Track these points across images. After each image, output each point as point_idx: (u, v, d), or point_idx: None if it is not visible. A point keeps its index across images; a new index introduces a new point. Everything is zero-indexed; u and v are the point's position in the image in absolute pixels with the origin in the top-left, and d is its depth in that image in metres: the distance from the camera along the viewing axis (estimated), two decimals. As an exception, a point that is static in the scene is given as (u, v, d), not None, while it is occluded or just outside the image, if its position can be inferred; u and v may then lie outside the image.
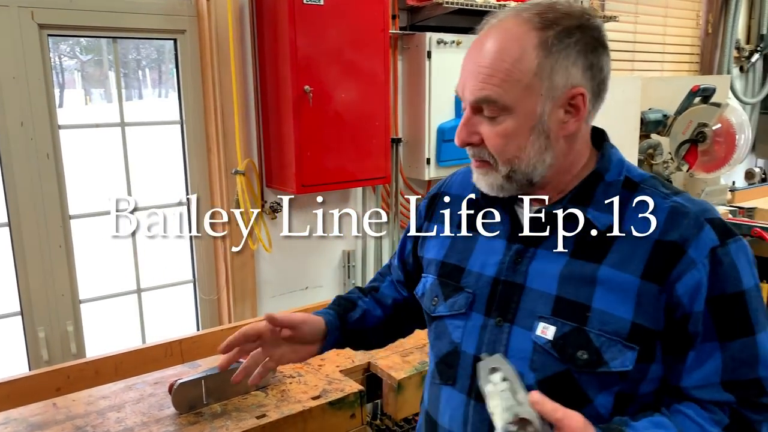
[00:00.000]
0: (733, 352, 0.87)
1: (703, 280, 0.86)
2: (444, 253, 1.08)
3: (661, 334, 0.89)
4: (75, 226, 2.23)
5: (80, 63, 3.04)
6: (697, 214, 0.90)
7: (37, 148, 2.09)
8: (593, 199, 0.94)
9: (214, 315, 2.57)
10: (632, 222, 0.91)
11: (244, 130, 2.40)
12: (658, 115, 3.28)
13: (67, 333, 2.23)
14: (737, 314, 0.88)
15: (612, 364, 0.88)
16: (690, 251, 0.87)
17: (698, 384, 0.89)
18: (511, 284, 0.97)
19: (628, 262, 0.89)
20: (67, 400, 1.60)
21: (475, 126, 0.93)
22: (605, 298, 0.89)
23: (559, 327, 0.91)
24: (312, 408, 1.54)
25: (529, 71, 0.88)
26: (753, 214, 3.38)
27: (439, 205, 1.15)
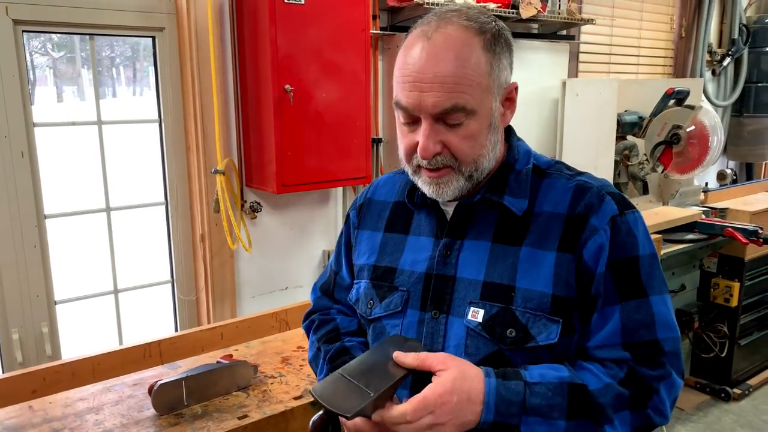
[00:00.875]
0: (629, 311, 0.94)
1: (605, 244, 0.94)
2: (375, 258, 1.12)
3: (576, 302, 0.95)
4: (50, 225, 2.19)
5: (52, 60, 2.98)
6: (599, 188, 0.99)
7: (12, 146, 2.05)
8: (508, 187, 1.01)
9: (192, 315, 2.55)
10: (544, 203, 1.00)
11: (224, 129, 2.39)
12: (634, 117, 3.34)
13: (42, 334, 2.19)
14: (632, 277, 0.95)
15: (539, 338, 0.94)
16: (592, 220, 0.95)
17: (600, 344, 0.95)
18: (443, 277, 1.02)
19: (545, 240, 0.97)
20: (43, 402, 1.57)
21: (437, 135, 0.94)
22: (527, 276, 0.96)
23: (488, 309, 0.96)
24: (294, 408, 1.54)
25: (485, 73, 0.93)
26: (725, 215, 3.46)
27: (366, 213, 1.19)
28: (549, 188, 1.01)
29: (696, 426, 3.18)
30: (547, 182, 1.02)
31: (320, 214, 2.74)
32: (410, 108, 0.94)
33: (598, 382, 0.92)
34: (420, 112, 0.93)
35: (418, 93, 0.92)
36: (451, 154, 0.95)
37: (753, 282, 3.37)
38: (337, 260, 1.26)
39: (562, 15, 3.18)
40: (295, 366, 1.75)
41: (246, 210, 2.48)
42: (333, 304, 1.27)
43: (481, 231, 1.01)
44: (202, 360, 1.81)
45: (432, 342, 1.01)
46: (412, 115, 0.94)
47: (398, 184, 1.17)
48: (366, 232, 1.17)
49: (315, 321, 1.25)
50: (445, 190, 0.98)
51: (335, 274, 1.25)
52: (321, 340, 1.20)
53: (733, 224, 3.11)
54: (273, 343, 1.94)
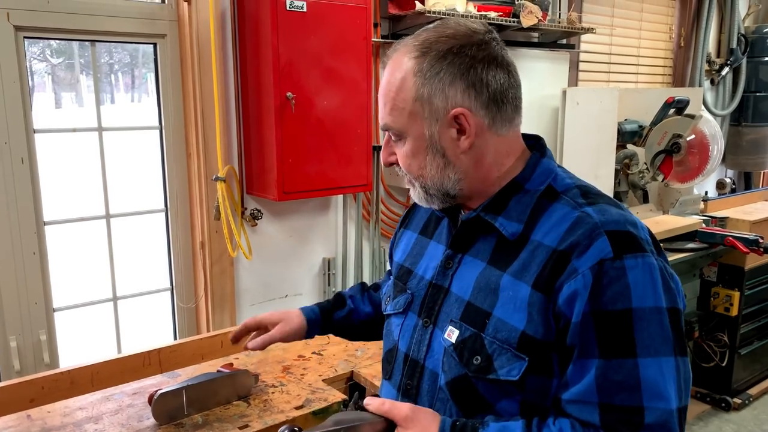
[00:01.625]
0: (606, 370, 0.83)
1: (580, 291, 0.84)
2: (404, 257, 1.17)
3: (552, 345, 0.88)
4: (50, 232, 2.18)
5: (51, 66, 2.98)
6: (597, 225, 0.87)
7: (12, 153, 2.04)
8: (506, 208, 0.97)
9: (192, 323, 2.53)
10: (540, 231, 0.92)
11: (225, 136, 2.38)
12: (634, 125, 3.35)
13: (40, 342, 2.18)
14: (618, 333, 0.83)
15: (500, 372, 0.90)
16: (574, 260, 0.86)
17: (573, 398, 0.86)
18: (439, 287, 1.03)
19: (525, 271, 0.91)
20: (42, 411, 1.55)
21: (392, 148, 1.02)
22: (504, 306, 0.91)
23: (462, 331, 0.95)
24: (295, 418, 1.52)
25: (410, 99, 0.95)
26: (725, 224, 3.46)
27: (415, 213, 1.23)
28: (551, 214, 0.92)
29: (697, 436, 3.17)
30: (553, 207, 0.93)
31: (321, 221, 2.74)
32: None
33: None
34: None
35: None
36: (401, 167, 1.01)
37: (753, 291, 3.37)
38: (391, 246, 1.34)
39: (563, 24, 3.19)
40: (296, 375, 1.74)
41: (246, 217, 2.47)
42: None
43: (480, 249, 1.00)
44: (203, 369, 1.80)
45: (418, 350, 1.03)
46: None
47: None
48: (408, 232, 1.21)
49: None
50: (412, 196, 1.05)
51: (387, 273, 1.34)
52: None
53: (734, 233, 3.10)
54: (273, 352, 1.92)
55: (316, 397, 1.61)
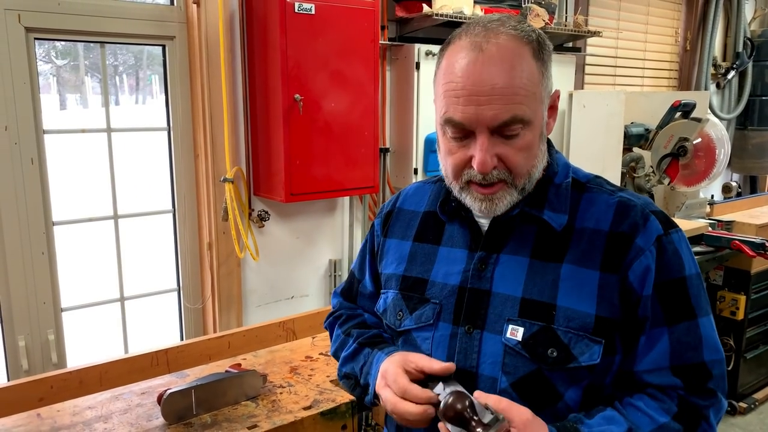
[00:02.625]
0: (678, 335, 0.92)
1: (651, 266, 0.92)
2: (404, 267, 1.09)
3: (619, 323, 0.93)
4: (58, 232, 2.19)
5: (56, 68, 2.99)
6: (643, 206, 0.96)
7: (22, 153, 2.05)
8: (547, 201, 0.98)
9: (198, 324, 2.54)
10: (584, 219, 0.96)
11: (233, 138, 2.39)
12: (641, 129, 3.35)
13: (48, 342, 2.18)
14: (681, 299, 0.93)
15: (581, 358, 0.91)
16: (638, 240, 0.93)
17: (649, 368, 0.93)
18: (478, 291, 0.99)
19: (587, 257, 0.94)
20: (51, 410, 1.56)
21: (493, 148, 0.91)
22: (569, 295, 0.93)
23: (528, 327, 0.93)
24: (303, 418, 1.53)
25: (538, 82, 0.92)
26: (731, 227, 3.46)
27: (394, 221, 1.16)
28: (590, 203, 0.97)
29: (702, 440, 3.15)
30: (587, 197, 0.99)
31: (327, 223, 2.74)
32: (466, 123, 0.90)
33: (652, 423, 0.90)
34: (476, 126, 0.90)
35: (475, 107, 0.88)
36: (506, 168, 0.92)
37: (759, 295, 3.36)
38: (360, 268, 1.24)
39: (569, 27, 3.19)
40: (303, 376, 1.75)
41: (254, 218, 2.48)
42: (357, 307, 1.26)
43: (518, 246, 0.98)
44: (210, 369, 1.80)
45: (465, 359, 0.97)
46: (465, 130, 0.91)
47: (428, 194, 1.14)
48: (393, 241, 1.14)
49: (342, 315, 1.23)
50: (498, 206, 0.95)
51: (358, 282, 1.24)
52: (351, 328, 1.18)
53: (740, 237, 3.10)
54: (281, 352, 1.93)
55: (324, 397, 1.61)
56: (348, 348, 1.14)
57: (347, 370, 1.14)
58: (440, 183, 1.12)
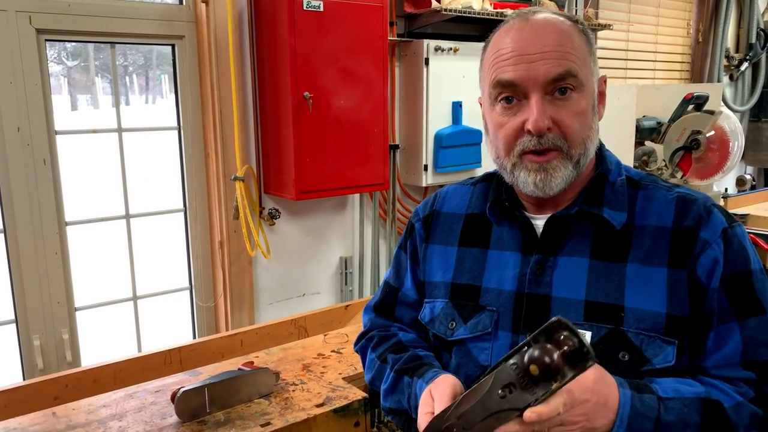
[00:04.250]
0: (750, 330, 0.89)
1: (719, 258, 0.89)
2: (452, 275, 1.04)
3: (688, 321, 0.90)
4: (71, 232, 2.20)
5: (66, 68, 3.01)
6: (704, 200, 0.95)
7: (34, 154, 2.07)
8: (605, 199, 0.95)
9: (211, 322, 2.55)
10: (645, 217, 0.94)
11: (243, 136, 2.39)
12: (653, 122, 3.31)
13: (62, 341, 2.20)
14: (749, 293, 0.90)
15: (655, 360, 0.88)
16: (703, 233, 0.90)
17: (719, 363, 0.90)
18: (537, 297, 0.94)
19: (653, 255, 0.91)
20: (66, 409, 1.57)
21: (547, 110, 0.89)
22: (637, 295, 0.90)
23: (595, 331, 0.90)
24: (317, 416, 1.53)
25: (587, 53, 0.92)
26: (746, 221, 3.42)
27: (435, 226, 1.11)
28: (647, 200, 0.95)
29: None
30: (643, 194, 0.96)
31: (338, 220, 2.74)
32: (518, 81, 0.88)
33: (731, 399, 0.87)
34: (529, 83, 0.88)
35: (527, 65, 0.88)
36: (561, 133, 0.89)
37: (775, 289, 3.32)
38: (397, 276, 1.16)
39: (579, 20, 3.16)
40: (316, 373, 1.75)
41: (264, 217, 2.48)
42: (391, 323, 1.17)
43: (576, 246, 0.94)
44: (223, 367, 1.81)
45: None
46: (517, 93, 0.90)
47: (468, 196, 1.10)
48: (437, 247, 1.08)
49: (374, 338, 1.14)
50: (553, 177, 0.90)
51: (396, 290, 1.16)
52: (386, 353, 1.09)
53: (755, 230, 3.06)
54: (293, 350, 1.93)
55: (336, 395, 1.61)
56: (386, 380, 1.06)
57: (392, 405, 1.05)
58: (481, 184, 1.10)
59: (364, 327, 1.20)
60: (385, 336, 1.13)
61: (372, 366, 1.11)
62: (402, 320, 1.15)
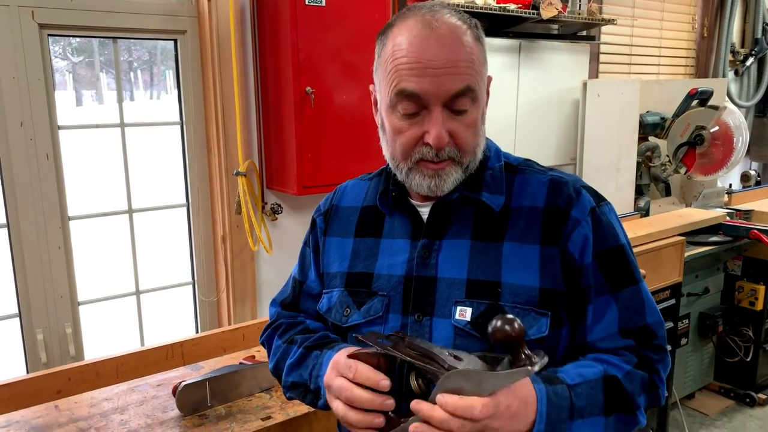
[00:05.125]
0: (624, 300, 0.97)
1: (589, 235, 0.96)
2: (348, 264, 1.08)
3: (563, 295, 0.95)
4: (74, 227, 2.21)
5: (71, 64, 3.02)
6: (572, 183, 1.01)
7: (37, 149, 2.08)
8: (484, 184, 1.01)
9: (213, 317, 2.56)
10: (520, 199, 1.00)
11: (245, 131, 2.40)
12: (656, 117, 3.30)
13: (65, 335, 2.21)
14: (621, 265, 0.98)
15: (530, 332, 0.92)
16: (573, 212, 0.97)
17: (602, 336, 0.97)
18: (424, 279, 0.99)
19: (527, 234, 0.97)
20: (69, 402, 1.58)
21: (444, 125, 0.92)
22: (512, 271, 0.95)
23: (475, 307, 0.95)
24: (317, 410, 1.53)
25: (482, 62, 0.95)
26: (750, 217, 3.41)
27: (333, 219, 1.14)
28: (523, 184, 1.01)
29: (720, 431, 3.12)
30: (520, 178, 1.02)
31: (340, 215, 2.74)
32: (422, 94, 0.90)
33: (621, 370, 0.93)
34: (431, 97, 0.90)
35: (431, 78, 0.89)
36: (456, 145, 0.93)
37: (779, 285, 3.31)
38: (301, 270, 1.19)
39: (583, 15, 3.15)
40: (317, 368, 1.75)
41: (267, 212, 2.48)
42: (298, 314, 1.19)
43: (459, 230, 1.00)
44: (225, 361, 1.82)
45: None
46: (418, 104, 0.91)
47: (365, 190, 1.13)
48: (335, 239, 1.12)
49: (282, 325, 1.16)
50: (445, 182, 0.95)
51: (300, 284, 1.18)
52: (294, 336, 1.11)
53: (759, 226, 3.05)
54: (294, 344, 1.93)
55: (337, 389, 1.62)
56: (293, 355, 1.07)
57: (294, 378, 1.06)
58: (376, 179, 1.13)
59: (270, 319, 1.23)
60: (293, 323, 1.16)
61: (277, 351, 1.13)
62: (307, 312, 1.18)
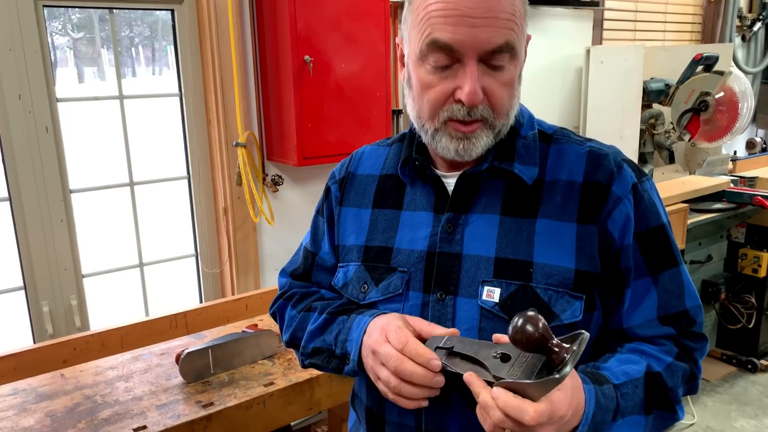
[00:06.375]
0: (664, 284, 0.91)
1: (630, 214, 0.89)
2: (365, 237, 1.01)
3: (599, 277, 0.89)
4: (76, 200, 2.22)
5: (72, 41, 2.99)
6: (614, 155, 0.93)
7: (36, 122, 2.07)
8: (516, 154, 0.93)
9: (217, 288, 2.57)
10: (556, 171, 0.92)
11: (244, 102, 2.38)
12: (660, 84, 3.26)
13: (71, 307, 2.24)
14: (662, 246, 0.91)
15: (563, 316, 0.87)
16: (614, 188, 0.89)
17: (640, 322, 0.91)
18: (448, 255, 0.92)
19: (563, 210, 0.90)
20: (74, 371, 1.61)
21: (480, 80, 0.84)
22: (546, 250, 0.88)
23: (504, 288, 0.88)
24: (319, 376, 1.55)
25: (523, 15, 0.87)
26: (754, 183, 3.39)
27: (349, 188, 1.06)
28: (559, 155, 0.93)
29: (722, 397, 3.15)
30: (555, 148, 0.94)
31: (341, 186, 2.74)
32: (456, 46, 0.82)
33: (661, 363, 0.89)
34: (467, 50, 0.82)
35: (468, 29, 0.81)
36: (490, 104, 0.85)
37: (782, 252, 3.30)
38: (314, 240, 1.12)
39: (586, -20, 3.09)
40: (319, 335, 1.77)
41: (268, 183, 2.48)
42: (311, 286, 1.13)
43: (488, 203, 0.92)
44: (228, 330, 1.84)
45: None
46: (452, 57, 0.83)
47: (383, 157, 1.06)
48: (351, 210, 1.04)
49: (296, 295, 1.10)
50: (475, 146, 0.87)
51: (313, 255, 1.12)
52: (312, 303, 1.05)
53: (763, 192, 3.04)
54: (297, 313, 1.95)
55: (338, 356, 1.64)
56: (314, 322, 1.01)
57: (317, 344, 0.99)
58: (397, 144, 1.06)
59: (280, 289, 1.17)
60: (307, 293, 1.10)
61: (293, 321, 1.06)
62: (320, 285, 1.12)
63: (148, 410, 1.41)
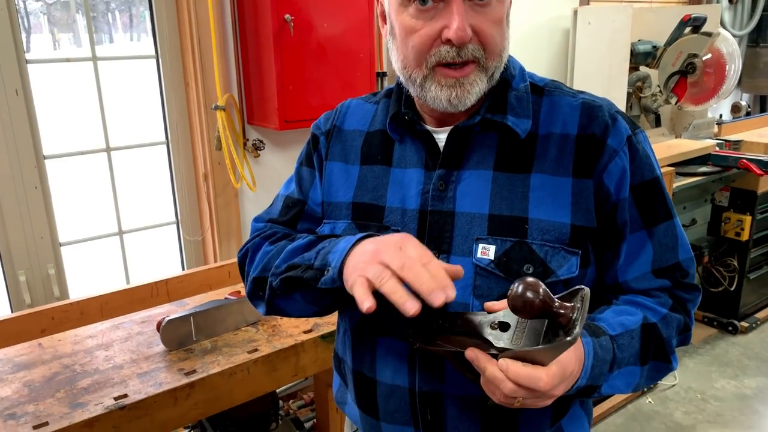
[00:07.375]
0: (659, 237, 0.90)
1: (626, 167, 0.87)
2: (353, 194, 0.97)
3: (594, 232, 0.88)
4: (50, 166, 2.15)
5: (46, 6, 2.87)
6: (608, 106, 0.90)
7: (5, 84, 1.98)
8: (509, 106, 0.90)
9: (199, 255, 2.53)
10: (549, 124, 0.90)
11: (223, 63, 2.30)
12: (648, 46, 3.22)
13: (48, 276, 2.18)
14: (657, 199, 0.90)
15: (559, 272, 0.86)
16: (609, 141, 0.87)
17: (636, 276, 0.91)
18: (441, 213, 0.90)
19: (558, 164, 0.87)
20: (53, 340, 1.57)
21: (467, 18, 0.80)
22: (541, 206, 0.86)
23: (499, 245, 0.86)
24: (304, 342, 1.53)
25: None
26: (739, 147, 3.39)
27: (335, 142, 1.02)
28: (552, 107, 0.90)
29: (703, 359, 3.20)
30: (548, 100, 0.91)
31: (325, 151, 2.68)
32: None
33: (656, 314, 0.89)
34: None
35: None
36: (480, 43, 0.82)
37: (765, 215, 3.33)
38: (300, 188, 1.06)
39: (574, -62, 3.02)
40: (303, 301, 1.74)
41: (249, 148, 2.42)
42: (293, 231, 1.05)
43: (480, 159, 0.89)
44: (210, 297, 1.81)
45: None
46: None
47: (371, 113, 1.02)
48: (337, 164, 1.00)
49: (277, 233, 1.02)
50: (469, 92, 0.84)
51: (302, 203, 1.05)
52: (294, 237, 0.99)
53: (748, 155, 3.04)
54: (281, 279, 1.92)
55: (324, 320, 1.61)
56: (296, 242, 0.94)
57: (295, 261, 0.91)
58: (384, 100, 1.01)
59: (254, 233, 1.06)
60: (289, 233, 1.03)
61: (268, 252, 0.98)
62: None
63: (129, 378, 1.38)
